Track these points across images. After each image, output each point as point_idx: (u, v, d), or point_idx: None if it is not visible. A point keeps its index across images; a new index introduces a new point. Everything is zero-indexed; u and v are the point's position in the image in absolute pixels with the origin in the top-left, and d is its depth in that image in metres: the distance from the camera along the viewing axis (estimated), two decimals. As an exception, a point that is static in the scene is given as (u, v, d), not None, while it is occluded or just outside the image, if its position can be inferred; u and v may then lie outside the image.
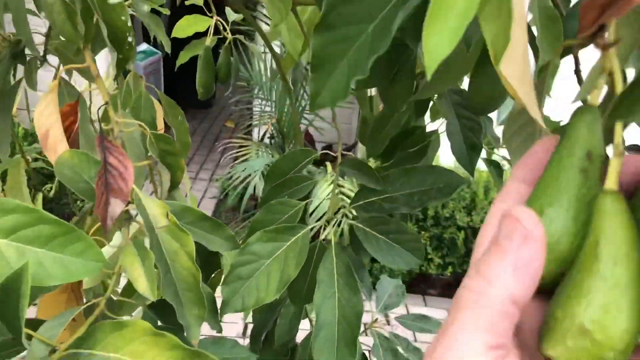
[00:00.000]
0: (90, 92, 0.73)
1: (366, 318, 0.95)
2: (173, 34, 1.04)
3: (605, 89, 0.26)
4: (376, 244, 0.62)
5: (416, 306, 2.67)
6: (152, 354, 0.46)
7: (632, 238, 0.22)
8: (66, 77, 0.73)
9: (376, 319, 1.09)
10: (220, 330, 0.62)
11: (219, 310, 0.61)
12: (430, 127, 0.86)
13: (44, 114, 0.53)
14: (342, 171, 0.66)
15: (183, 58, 1.08)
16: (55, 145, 0.52)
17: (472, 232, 2.56)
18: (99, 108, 0.53)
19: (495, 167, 0.87)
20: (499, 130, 0.90)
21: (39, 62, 0.72)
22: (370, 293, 1.09)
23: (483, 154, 0.89)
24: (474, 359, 0.22)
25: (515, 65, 0.24)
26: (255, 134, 3.50)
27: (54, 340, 0.50)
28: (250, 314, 0.91)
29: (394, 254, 0.61)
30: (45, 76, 0.77)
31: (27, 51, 0.68)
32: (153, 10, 0.84)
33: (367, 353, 0.97)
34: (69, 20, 0.50)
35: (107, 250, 0.57)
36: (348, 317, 0.56)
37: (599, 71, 0.25)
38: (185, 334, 0.55)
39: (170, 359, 0.46)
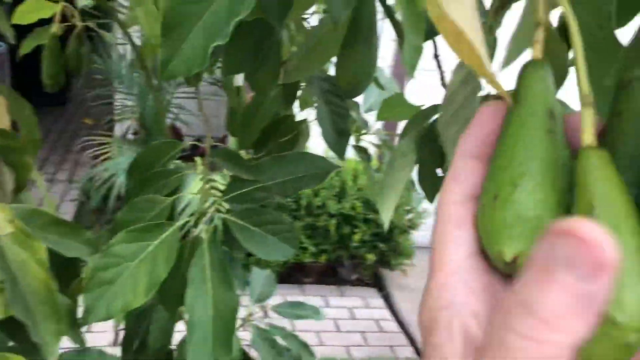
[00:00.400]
0: None
1: (243, 312, 0.93)
2: (13, 21, 0.94)
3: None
4: (251, 236, 0.60)
5: (293, 296, 2.70)
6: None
7: (627, 197, 0.19)
8: None
9: (252, 313, 1.07)
10: (82, 344, 0.56)
11: (81, 321, 0.55)
12: (300, 117, 0.86)
13: None
14: (212, 164, 0.63)
15: (26, 47, 0.97)
16: None
17: (343, 218, 2.63)
18: None
19: (363, 152, 0.88)
20: (366, 117, 0.92)
21: None
22: (244, 287, 1.07)
23: (352, 140, 0.91)
24: None
25: (463, 6, 0.20)
26: (118, 130, 3.30)
27: None
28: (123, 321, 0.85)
29: (269, 246, 0.59)
30: None
31: None
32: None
33: (246, 347, 0.95)
34: None
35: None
36: (223, 315, 0.54)
37: (533, 24, 0.23)
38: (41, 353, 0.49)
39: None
